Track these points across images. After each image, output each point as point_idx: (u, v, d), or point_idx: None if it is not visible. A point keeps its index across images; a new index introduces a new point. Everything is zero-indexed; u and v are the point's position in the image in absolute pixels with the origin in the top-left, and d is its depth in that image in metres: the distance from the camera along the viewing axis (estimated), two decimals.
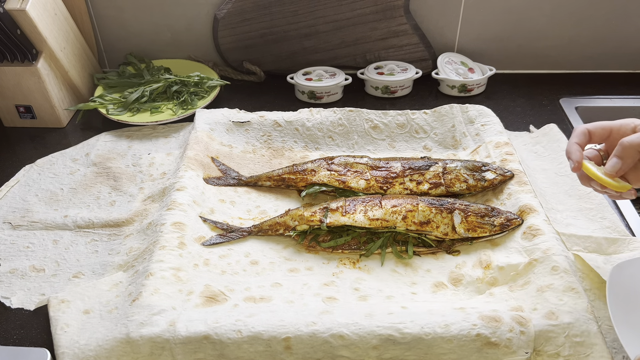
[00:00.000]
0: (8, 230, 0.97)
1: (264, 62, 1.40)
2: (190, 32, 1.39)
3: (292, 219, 0.92)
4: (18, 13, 1.11)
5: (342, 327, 0.71)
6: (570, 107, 1.25)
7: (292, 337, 0.71)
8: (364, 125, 1.13)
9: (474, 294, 0.81)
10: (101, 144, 1.17)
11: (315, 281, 0.84)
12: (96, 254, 0.92)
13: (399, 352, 0.71)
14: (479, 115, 1.10)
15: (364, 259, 0.89)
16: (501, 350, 0.69)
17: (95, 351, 0.73)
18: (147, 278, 0.80)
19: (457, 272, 0.85)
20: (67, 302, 0.80)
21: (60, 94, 1.24)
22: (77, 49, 1.29)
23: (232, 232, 0.93)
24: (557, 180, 1.02)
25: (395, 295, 0.81)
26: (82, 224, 0.97)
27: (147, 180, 1.06)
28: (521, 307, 0.74)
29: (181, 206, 0.92)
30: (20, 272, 0.89)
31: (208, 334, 0.72)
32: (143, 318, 0.74)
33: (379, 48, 1.37)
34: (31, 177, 1.09)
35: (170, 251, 0.84)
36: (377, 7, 1.31)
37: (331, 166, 1.01)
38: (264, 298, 0.81)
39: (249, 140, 1.14)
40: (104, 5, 1.35)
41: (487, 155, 1.03)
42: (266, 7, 1.32)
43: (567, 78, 1.37)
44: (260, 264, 0.88)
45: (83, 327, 0.77)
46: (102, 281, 0.85)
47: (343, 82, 1.30)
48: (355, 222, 0.89)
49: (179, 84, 1.29)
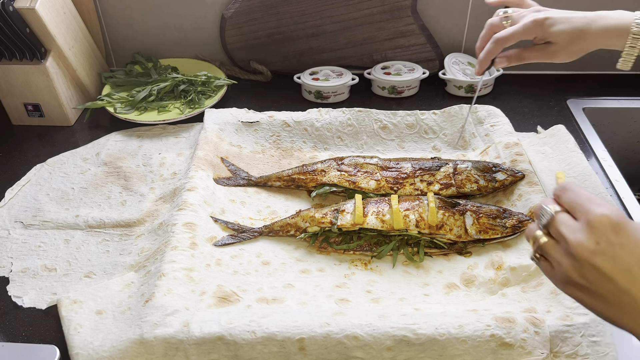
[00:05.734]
0: (20, 229, 0.97)
1: (271, 62, 1.40)
2: (198, 32, 1.39)
3: (303, 220, 0.92)
4: (27, 12, 1.11)
5: (356, 328, 0.72)
6: (578, 108, 1.26)
7: (306, 338, 0.71)
8: (373, 125, 1.13)
9: (486, 295, 0.81)
10: (112, 144, 1.17)
11: (327, 283, 0.85)
12: (107, 254, 0.92)
13: (413, 354, 0.71)
14: (488, 116, 1.11)
15: (375, 260, 0.89)
16: (516, 351, 0.69)
17: (109, 352, 0.73)
18: (159, 278, 0.80)
19: (469, 273, 0.85)
20: (80, 303, 0.80)
21: (68, 92, 1.24)
22: (85, 47, 1.29)
23: (243, 232, 0.94)
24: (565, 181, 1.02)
25: (408, 297, 0.82)
26: (93, 223, 0.97)
27: (158, 180, 1.06)
28: (534, 309, 0.74)
29: (192, 206, 0.92)
30: (32, 271, 0.89)
31: (222, 334, 0.72)
32: (157, 319, 0.74)
33: (386, 48, 1.37)
34: (42, 177, 1.09)
35: (182, 251, 0.85)
36: (385, 7, 1.31)
37: (341, 166, 1.01)
38: (276, 299, 0.81)
39: (258, 140, 1.14)
40: (112, 5, 1.35)
41: (496, 155, 1.03)
42: (273, 7, 1.32)
43: (574, 79, 1.37)
44: (272, 264, 0.89)
45: (96, 327, 0.77)
46: (113, 281, 0.85)
47: (350, 82, 1.30)
48: (367, 225, 0.89)
49: (186, 83, 1.29)
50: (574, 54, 0.84)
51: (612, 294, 0.51)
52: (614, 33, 0.79)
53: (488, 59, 0.87)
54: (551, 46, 0.84)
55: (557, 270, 0.55)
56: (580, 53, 0.84)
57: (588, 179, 1.00)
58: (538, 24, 0.83)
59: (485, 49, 0.87)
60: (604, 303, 0.53)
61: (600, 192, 0.97)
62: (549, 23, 0.82)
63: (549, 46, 0.85)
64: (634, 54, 0.79)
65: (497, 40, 0.85)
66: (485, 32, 0.90)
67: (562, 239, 0.53)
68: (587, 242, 0.51)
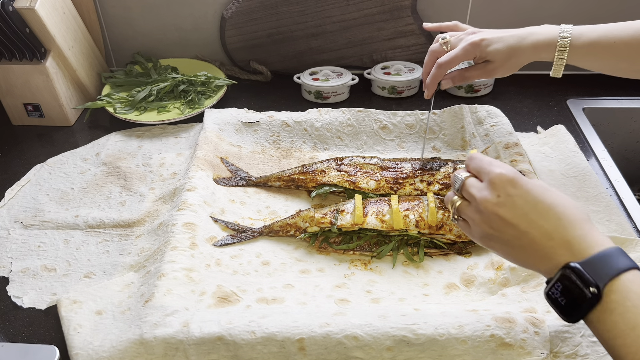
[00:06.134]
0: (19, 229, 0.97)
1: (271, 62, 1.40)
2: (198, 32, 1.39)
3: (303, 221, 0.92)
4: (27, 12, 1.11)
5: (355, 328, 0.72)
6: (578, 108, 1.26)
7: (306, 338, 0.71)
8: (372, 125, 1.13)
9: (486, 295, 0.81)
10: (111, 144, 1.17)
11: (327, 283, 0.85)
12: (107, 254, 0.92)
13: (413, 354, 0.71)
14: (488, 116, 1.10)
15: (375, 260, 0.89)
16: (516, 351, 0.69)
17: (109, 352, 0.73)
18: (159, 279, 0.80)
19: (469, 273, 0.85)
20: (80, 303, 0.80)
21: (68, 92, 1.24)
22: (85, 47, 1.29)
23: (243, 232, 0.94)
24: (565, 182, 1.02)
25: (408, 298, 0.82)
26: (93, 223, 0.97)
27: (158, 180, 1.06)
28: (534, 309, 0.74)
29: (192, 206, 0.92)
30: (31, 271, 0.89)
31: (222, 334, 0.72)
32: (156, 319, 0.74)
33: (385, 48, 1.37)
34: (42, 177, 1.09)
35: (182, 252, 0.85)
36: (384, 7, 1.31)
37: (341, 167, 1.01)
38: (276, 299, 0.81)
39: (257, 140, 1.14)
40: (112, 5, 1.35)
41: (496, 156, 1.03)
42: (273, 7, 1.32)
43: (574, 79, 1.37)
44: (271, 264, 0.89)
45: (96, 327, 0.77)
46: (113, 281, 0.85)
47: (350, 82, 1.30)
48: (367, 225, 0.89)
49: (186, 83, 1.29)
50: (510, 69, 0.91)
51: (515, 237, 0.60)
52: (543, 48, 0.87)
53: (434, 83, 0.93)
54: (490, 64, 0.91)
55: (472, 226, 0.65)
56: (516, 67, 0.91)
57: (588, 179, 1.00)
58: (475, 45, 0.89)
59: (431, 75, 0.93)
60: (511, 247, 0.61)
61: (600, 192, 0.97)
62: (485, 44, 0.89)
63: (488, 64, 0.91)
64: (563, 63, 0.87)
65: (441, 65, 0.91)
66: (428, 58, 0.96)
67: (472, 199, 0.64)
68: (490, 196, 0.61)
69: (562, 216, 0.58)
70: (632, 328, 0.51)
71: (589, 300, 0.53)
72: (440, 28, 1.00)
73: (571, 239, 0.57)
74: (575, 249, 0.56)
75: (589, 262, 0.55)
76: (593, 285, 0.53)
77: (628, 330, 0.51)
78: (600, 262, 0.54)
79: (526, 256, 0.60)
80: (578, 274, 0.54)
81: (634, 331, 0.51)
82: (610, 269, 0.54)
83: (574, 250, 0.56)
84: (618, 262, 0.54)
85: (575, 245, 0.56)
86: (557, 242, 0.57)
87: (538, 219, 0.59)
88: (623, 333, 0.52)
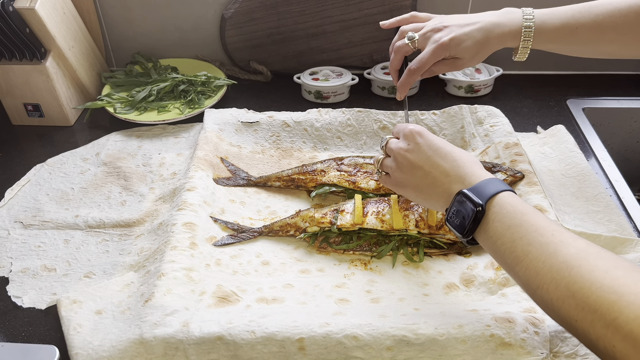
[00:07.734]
0: (19, 229, 0.97)
1: (271, 62, 1.40)
2: (198, 32, 1.39)
3: (303, 221, 0.92)
4: (27, 12, 1.11)
5: (355, 328, 0.72)
6: (577, 108, 1.26)
7: (306, 338, 0.71)
8: (372, 125, 1.14)
9: (486, 295, 0.81)
10: (111, 144, 1.17)
11: (327, 283, 0.85)
12: (107, 254, 0.92)
13: (413, 354, 0.71)
14: (488, 116, 1.10)
15: (375, 260, 0.89)
16: (515, 350, 0.69)
17: (109, 352, 0.73)
18: (159, 278, 0.80)
19: (469, 273, 0.85)
20: (80, 303, 0.80)
21: (68, 92, 1.24)
22: (85, 47, 1.29)
23: (243, 232, 0.94)
24: (564, 182, 1.02)
25: (407, 297, 0.82)
26: (93, 223, 0.97)
27: (158, 180, 1.06)
28: (534, 309, 0.74)
29: (192, 206, 0.93)
30: (31, 271, 0.89)
31: (222, 334, 0.72)
32: (156, 319, 0.74)
33: (386, 48, 1.35)
34: (42, 177, 1.09)
35: (182, 251, 0.85)
36: (384, 7, 1.31)
37: (341, 167, 1.01)
38: (276, 299, 0.81)
39: (257, 140, 1.14)
40: (112, 5, 1.35)
41: (496, 156, 1.03)
42: (273, 7, 1.32)
43: (574, 79, 1.37)
44: (271, 264, 0.89)
45: (96, 327, 0.77)
46: (113, 281, 0.85)
47: (350, 82, 1.30)
48: (367, 225, 0.89)
49: (186, 83, 1.29)
50: (477, 61, 0.94)
51: (421, 177, 0.75)
52: (509, 37, 0.90)
53: (406, 88, 0.95)
54: (459, 60, 0.93)
55: (391, 175, 0.80)
56: (483, 58, 0.94)
57: (588, 179, 1.00)
58: (445, 47, 0.90)
59: (403, 81, 0.94)
60: (420, 190, 0.76)
61: (600, 192, 0.97)
62: (454, 44, 0.90)
63: (457, 60, 0.93)
64: (527, 50, 0.91)
65: (412, 72, 0.92)
66: (395, 55, 0.96)
67: (390, 152, 0.80)
68: (402, 145, 0.77)
69: (457, 158, 0.72)
70: (507, 228, 0.63)
71: (476, 214, 0.65)
72: (399, 23, 1.00)
73: (463, 174, 0.70)
74: (466, 181, 0.70)
75: (475, 188, 0.68)
76: (478, 204, 0.65)
77: (504, 230, 0.63)
78: (483, 186, 0.67)
79: (430, 193, 0.74)
80: (467, 196, 0.67)
81: (509, 230, 0.63)
82: (490, 190, 0.66)
83: (465, 182, 0.70)
84: (497, 186, 0.67)
85: (467, 179, 0.70)
86: (453, 177, 0.71)
87: (439, 160, 0.73)
88: (501, 234, 0.63)
